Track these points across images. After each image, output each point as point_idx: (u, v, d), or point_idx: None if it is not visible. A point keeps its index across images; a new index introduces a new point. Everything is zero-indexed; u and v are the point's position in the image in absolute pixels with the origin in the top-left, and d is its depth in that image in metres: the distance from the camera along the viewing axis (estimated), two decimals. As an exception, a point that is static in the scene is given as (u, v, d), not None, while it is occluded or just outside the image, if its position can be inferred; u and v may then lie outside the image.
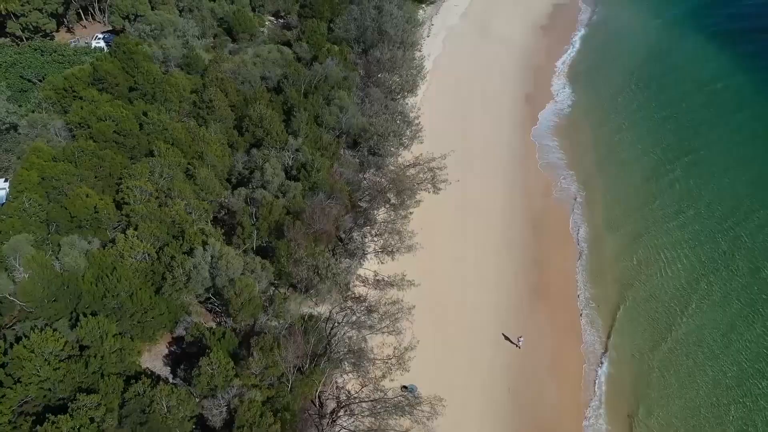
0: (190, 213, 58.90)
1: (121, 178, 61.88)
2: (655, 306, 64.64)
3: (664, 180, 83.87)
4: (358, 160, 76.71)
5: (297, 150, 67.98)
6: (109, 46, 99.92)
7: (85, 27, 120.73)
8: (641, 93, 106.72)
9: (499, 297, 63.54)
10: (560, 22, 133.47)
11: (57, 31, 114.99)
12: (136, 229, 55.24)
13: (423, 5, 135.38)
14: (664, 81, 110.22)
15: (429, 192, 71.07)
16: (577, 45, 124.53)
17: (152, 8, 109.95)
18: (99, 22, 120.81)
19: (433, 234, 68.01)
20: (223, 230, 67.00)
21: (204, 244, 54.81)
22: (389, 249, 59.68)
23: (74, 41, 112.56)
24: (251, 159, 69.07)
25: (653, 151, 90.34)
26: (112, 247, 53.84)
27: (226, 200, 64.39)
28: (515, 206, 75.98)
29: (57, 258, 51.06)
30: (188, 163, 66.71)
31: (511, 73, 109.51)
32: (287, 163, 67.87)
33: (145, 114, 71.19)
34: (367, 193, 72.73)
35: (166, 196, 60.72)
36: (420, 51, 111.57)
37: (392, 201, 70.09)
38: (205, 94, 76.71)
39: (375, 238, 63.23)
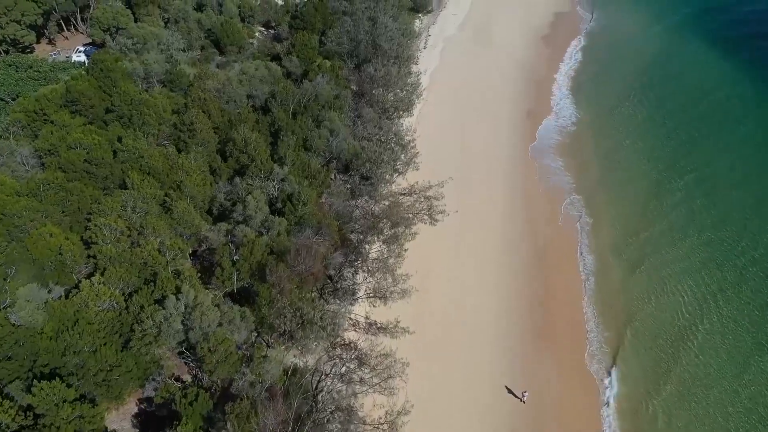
0: (164, 254, 53.88)
1: (90, 213, 56.89)
2: (674, 349, 59.71)
3: (671, 201, 79.45)
4: (349, 187, 71.85)
5: (283, 179, 63.08)
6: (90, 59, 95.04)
7: (66, 38, 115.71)
8: (644, 106, 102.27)
9: (501, 345, 58.44)
10: (561, 31, 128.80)
11: (37, 43, 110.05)
12: (103, 273, 50.28)
13: (420, 15, 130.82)
14: (666, 92, 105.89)
15: (425, 223, 66.22)
16: (579, 56, 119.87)
17: (136, 20, 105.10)
18: (82, 33, 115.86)
19: (429, 272, 63.08)
20: (201, 267, 62.72)
21: (177, 291, 49.92)
22: (382, 293, 54.76)
23: (55, 54, 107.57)
24: (234, 189, 64.19)
25: (658, 168, 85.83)
26: (76, 294, 48.85)
27: (206, 235, 59.42)
28: (518, 238, 70.99)
29: (12, 311, 46.05)
30: (165, 195, 61.81)
31: (511, 87, 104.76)
32: (272, 194, 63.01)
33: (119, 140, 66.33)
34: (358, 223, 67.91)
35: (138, 234, 55.80)
36: (416, 64, 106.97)
37: (386, 232, 65.16)
38: (186, 116, 71.76)
39: (367, 277, 58.26)
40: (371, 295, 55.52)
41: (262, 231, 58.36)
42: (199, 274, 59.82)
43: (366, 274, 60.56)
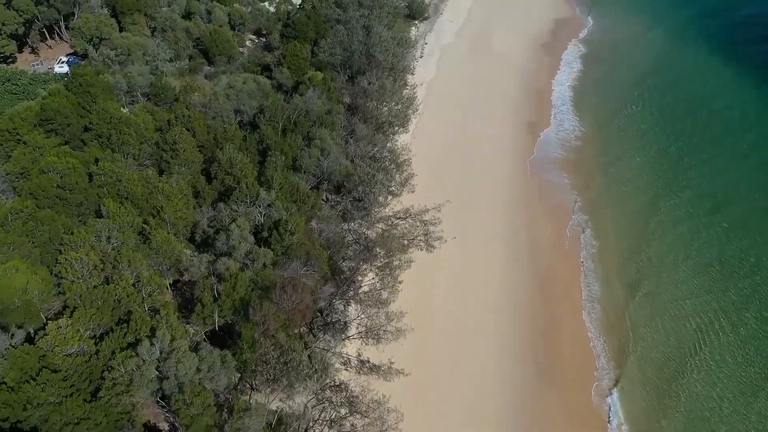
0: (140, 290, 50.01)
1: (63, 244, 52.97)
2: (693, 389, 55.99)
3: (676, 219, 76.01)
4: (341, 209, 68.08)
5: (269, 205, 59.23)
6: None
7: (50, 47, 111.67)
8: (646, 116, 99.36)
9: (503, 386, 54.48)
10: (561, 38, 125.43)
11: (20, 52, 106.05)
12: (71, 315, 46.36)
13: (416, 22, 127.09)
14: (667, 102, 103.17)
15: (421, 250, 62.44)
16: (579, 64, 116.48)
17: (121, 29, 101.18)
18: (66, 42, 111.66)
19: (425, 307, 59.04)
20: (182, 298, 58.98)
21: (152, 333, 46.05)
22: (374, 332, 50.89)
23: (37, 64, 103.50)
24: (218, 214, 60.35)
25: (662, 182, 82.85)
26: (41, 338, 44.95)
27: (186, 266, 55.59)
28: (520, 265, 66.95)
29: (-31, 360, 42.16)
30: (144, 222, 57.95)
31: (511, 98, 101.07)
32: (258, 221, 59.15)
33: (97, 161, 62.44)
34: (351, 249, 64.17)
35: (113, 268, 51.85)
36: (412, 74, 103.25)
37: (380, 259, 61.41)
38: (169, 135, 67.88)
39: (359, 314, 54.36)
40: (363, 335, 51.62)
41: (247, 263, 54.50)
42: (180, 308, 56.49)
43: (358, 307, 56.71)
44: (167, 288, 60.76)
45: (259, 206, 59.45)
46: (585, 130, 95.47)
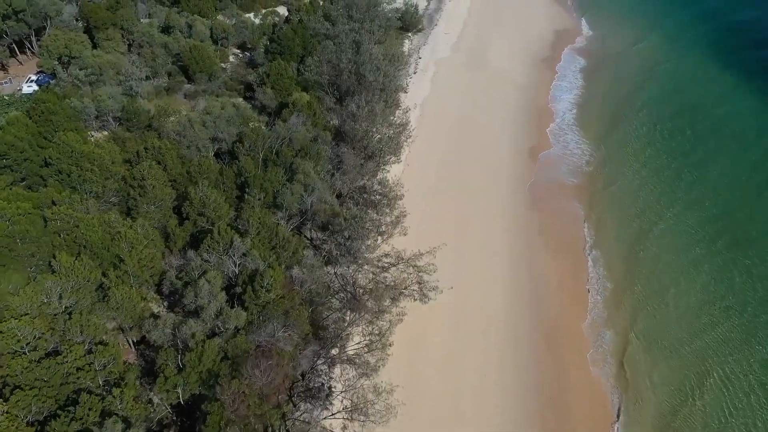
0: (93, 363, 43.73)
1: (6, 308, 46.59)
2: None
3: (698, 257, 69.78)
4: (326, 252, 61.95)
5: (245, 254, 52.98)
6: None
7: (21, 63, 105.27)
8: (654, 134, 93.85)
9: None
10: (561, 51, 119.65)
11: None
12: (7, 399, 40.07)
13: (409, 34, 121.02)
14: (676, 118, 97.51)
15: (415, 300, 56.33)
16: (580, 79, 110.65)
17: (95, 46, 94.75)
18: (39, 56, 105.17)
19: (419, 375, 52.34)
20: (145, 361, 52.74)
21: (106, 416, 39.87)
22: (360, 410, 44.67)
23: (5, 82, 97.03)
24: (187, 263, 54.10)
25: (674, 211, 76.53)
26: (-29, 429, 38.66)
27: (149, 329, 49.31)
28: (523, 316, 60.16)
29: None
30: (103, 274, 51.71)
31: (510, 119, 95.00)
32: (231, 272, 52.93)
33: (54, 203, 56.18)
34: (337, 297, 58.09)
35: (62, 336, 45.53)
36: (406, 92, 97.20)
37: (369, 311, 55.29)
38: (137, 170, 61.59)
39: (344, 386, 47.94)
40: (348, 415, 45.30)
41: (218, 325, 48.25)
42: (145, 371, 50.35)
43: (345, 367, 50.50)
44: (131, 346, 54.70)
45: (233, 255, 53.19)
46: (589, 152, 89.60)
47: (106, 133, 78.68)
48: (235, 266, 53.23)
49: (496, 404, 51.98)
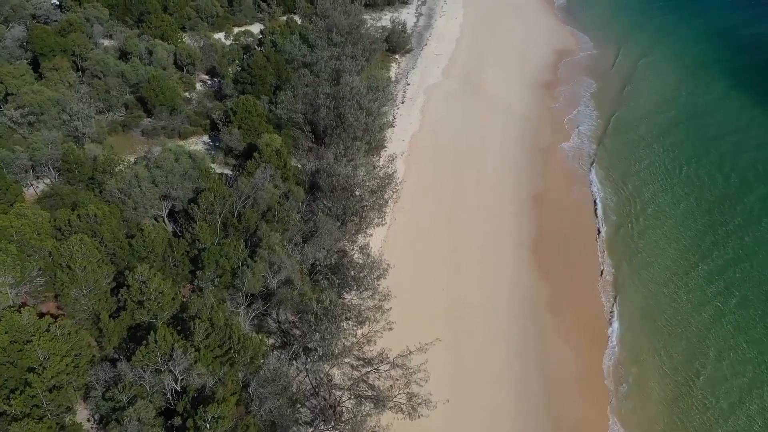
0: None
1: None
2: None
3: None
4: (294, 342, 51.31)
5: (188, 369, 42.21)
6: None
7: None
8: (681, 174, 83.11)
9: None
10: (565, 74, 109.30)
11: None
12: None
13: (397, 56, 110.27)
14: (702, 159, 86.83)
15: (403, 413, 45.66)
16: (591, 109, 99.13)
17: (40, 76, 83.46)
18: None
19: None
20: None
21: None
22: None
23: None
24: (118, 377, 43.31)
25: (714, 289, 65.53)
26: None
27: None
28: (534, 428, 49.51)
29: None
30: (6, 399, 40.77)
31: (510, 160, 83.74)
32: (170, 390, 42.18)
33: (-48, 299, 45.20)
34: (307, 403, 47.53)
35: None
36: (393, 127, 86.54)
37: (345, 422, 44.77)
38: (66, 247, 50.64)
39: None
40: None
41: (145, 476, 37.46)
42: None
43: None
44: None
45: (174, 369, 42.36)
46: (609, 207, 77.31)
47: (42, 187, 67.70)
48: (176, 383, 42.45)
49: None
